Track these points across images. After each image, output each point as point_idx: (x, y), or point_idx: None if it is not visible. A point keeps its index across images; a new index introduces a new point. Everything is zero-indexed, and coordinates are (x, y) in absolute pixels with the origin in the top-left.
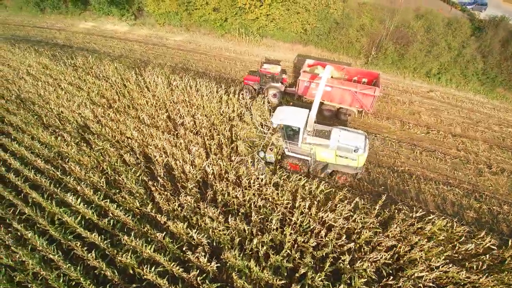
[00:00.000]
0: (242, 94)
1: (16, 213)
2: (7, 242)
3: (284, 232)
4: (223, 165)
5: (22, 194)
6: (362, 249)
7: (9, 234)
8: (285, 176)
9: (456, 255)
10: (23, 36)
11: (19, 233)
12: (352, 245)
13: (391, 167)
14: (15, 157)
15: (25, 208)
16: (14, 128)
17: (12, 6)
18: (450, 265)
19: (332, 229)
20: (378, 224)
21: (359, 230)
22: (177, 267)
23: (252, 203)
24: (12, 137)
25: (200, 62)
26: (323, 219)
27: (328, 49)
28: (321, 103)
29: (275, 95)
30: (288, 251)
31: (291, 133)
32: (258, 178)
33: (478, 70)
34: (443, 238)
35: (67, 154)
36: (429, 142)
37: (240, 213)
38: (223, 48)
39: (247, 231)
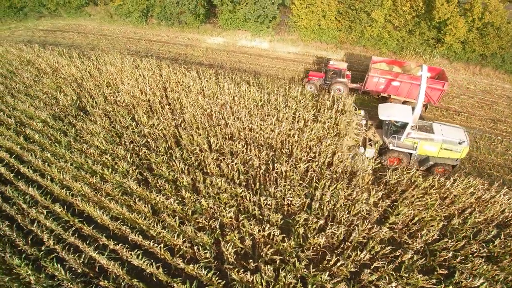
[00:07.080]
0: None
1: None
2: None
3: None
4: None
5: None
6: None
7: None
8: None
9: None
10: (145, 51)
11: None
12: None
13: None
14: None
15: None
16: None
17: (99, 14)
18: None
19: None
20: None
21: None
22: None
23: None
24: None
25: None
26: None
27: (509, 72)
28: (386, 97)
29: (340, 90)
30: None
31: (394, 128)
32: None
33: None
34: None
35: None
36: None
37: None
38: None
39: None
